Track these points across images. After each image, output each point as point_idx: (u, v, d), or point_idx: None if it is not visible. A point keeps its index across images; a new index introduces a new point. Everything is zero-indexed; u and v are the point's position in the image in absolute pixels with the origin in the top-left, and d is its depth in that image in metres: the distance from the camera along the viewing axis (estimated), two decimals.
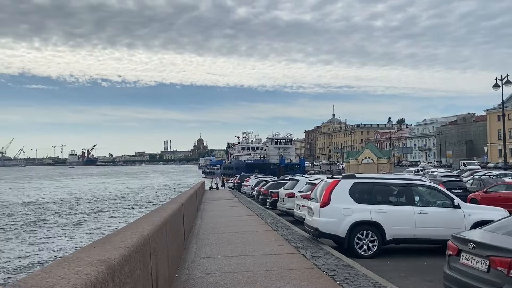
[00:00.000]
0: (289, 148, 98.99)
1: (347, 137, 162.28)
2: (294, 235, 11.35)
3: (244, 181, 38.26)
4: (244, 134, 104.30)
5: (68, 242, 23.61)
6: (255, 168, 72.06)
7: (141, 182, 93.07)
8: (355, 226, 9.70)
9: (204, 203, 24.52)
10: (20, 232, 27.12)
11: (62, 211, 39.15)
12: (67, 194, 60.89)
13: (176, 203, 8.93)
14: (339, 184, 10.09)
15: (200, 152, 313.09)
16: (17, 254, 20.48)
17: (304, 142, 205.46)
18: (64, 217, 34.42)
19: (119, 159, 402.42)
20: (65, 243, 23.13)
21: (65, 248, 21.42)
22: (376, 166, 66.06)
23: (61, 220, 32.68)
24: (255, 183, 29.69)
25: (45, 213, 37.82)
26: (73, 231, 27.44)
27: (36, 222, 31.81)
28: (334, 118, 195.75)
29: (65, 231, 27.39)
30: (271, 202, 19.47)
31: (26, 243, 23.40)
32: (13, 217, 35.07)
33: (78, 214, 36.45)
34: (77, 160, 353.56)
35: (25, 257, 19.80)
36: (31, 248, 21.79)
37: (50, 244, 22.97)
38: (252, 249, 9.24)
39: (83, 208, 41.74)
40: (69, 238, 24.80)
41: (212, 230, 12.48)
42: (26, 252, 20.90)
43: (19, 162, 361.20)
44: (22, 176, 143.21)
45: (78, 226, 29.86)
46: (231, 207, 21.28)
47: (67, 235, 26.07)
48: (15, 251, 21.08)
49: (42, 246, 22.35)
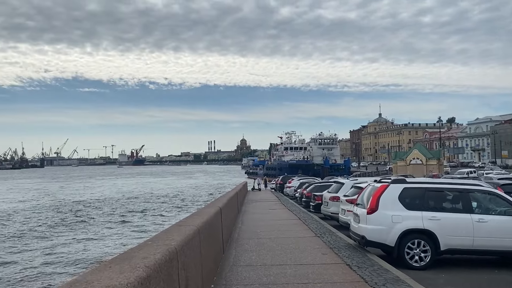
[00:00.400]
0: (334, 149, 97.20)
1: (394, 137, 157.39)
2: (339, 242, 10.72)
3: (286, 182, 37.60)
4: (287, 134, 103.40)
5: (114, 240, 24.05)
6: (298, 169, 71.19)
7: (186, 182, 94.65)
8: (406, 234, 8.95)
9: (245, 204, 24.21)
10: (70, 230, 28.02)
11: (111, 209, 40.32)
12: (116, 193, 62.83)
13: (214, 207, 8.57)
14: (388, 189, 9.37)
15: (243, 152, 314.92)
16: (63, 252, 21.05)
17: (349, 142, 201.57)
18: (112, 215, 35.37)
19: (166, 159, 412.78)
20: (111, 242, 23.56)
21: (109, 247, 21.81)
22: (425, 167, 63.43)
23: (109, 218, 33.60)
24: (298, 185, 29.04)
25: (94, 211, 39.08)
26: (120, 230, 28.02)
27: (84, 220, 32.87)
28: (380, 118, 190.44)
29: (112, 229, 28.02)
30: (314, 206, 18.81)
31: (75, 239, 24.08)
32: (64, 214, 36.43)
33: (126, 213, 37.38)
34: (126, 160, 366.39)
35: (68, 256, 20.29)
36: (77, 245, 22.35)
37: (97, 241, 23.53)
38: (293, 258, 8.72)
39: (131, 206, 42.80)
40: (116, 237, 25.30)
41: (253, 235, 12.06)
42: (71, 250, 21.44)
43: (73, 162, 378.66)
44: (75, 176, 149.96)
45: (125, 224, 30.54)
46: (273, 210, 20.81)
47: (114, 233, 26.63)
48: (62, 248, 21.68)
49: (89, 244, 22.89)
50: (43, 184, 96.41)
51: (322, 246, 10.17)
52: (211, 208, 8.22)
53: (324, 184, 20.77)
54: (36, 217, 35.01)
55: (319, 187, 20.66)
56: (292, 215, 17.98)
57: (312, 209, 19.19)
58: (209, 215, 7.05)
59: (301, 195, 24.22)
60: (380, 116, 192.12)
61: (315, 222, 15.05)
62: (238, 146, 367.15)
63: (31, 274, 16.83)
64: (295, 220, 15.93)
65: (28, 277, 16.52)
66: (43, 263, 18.66)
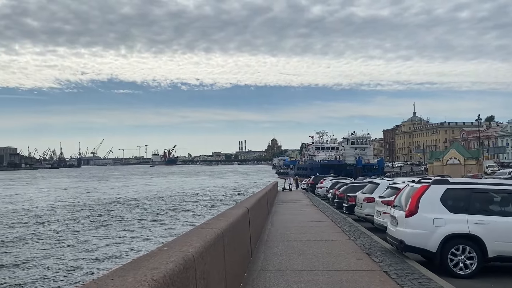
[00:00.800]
0: (367, 148, 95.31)
1: (429, 136, 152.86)
2: (375, 246, 10.05)
3: (318, 182, 36.83)
4: (318, 134, 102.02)
5: (142, 241, 24.08)
6: (330, 169, 70.00)
7: (217, 182, 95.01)
8: (449, 239, 8.22)
9: (276, 205, 23.68)
10: (103, 228, 28.35)
11: (143, 208, 40.69)
12: (149, 192, 63.66)
13: (241, 208, 8.12)
14: (429, 190, 8.65)
15: (273, 152, 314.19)
16: (88, 251, 21.19)
17: (382, 142, 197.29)
18: (143, 214, 35.61)
19: (197, 159, 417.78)
20: (140, 241, 23.59)
21: (137, 246, 21.79)
22: (464, 168, 60.97)
23: (141, 217, 33.82)
24: (330, 185, 28.24)
25: (127, 209, 39.56)
26: (151, 228, 28.11)
27: (117, 218, 33.22)
28: (415, 116, 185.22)
29: (143, 228, 28.14)
30: (347, 207, 18.07)
31: (106, 237, 24.28)
32: (98, 213, 37.02)
33: (157, 212, 37.64)
34: (159, 160, 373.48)
35: (94, 255, 20.39)
36: (104, 244, 22.48)
37: (126, 239, 23.62)
38: (326, 263, 8.15)
39: (163, 205, 43.08)
40: (146, 236, 25.35)
41: (283, 237, 11.55)
42: (98, 249, 21.57)
43: (108, 161, 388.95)
44: (110, 175, 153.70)
45: (156, 223, 30.69)
46: (304, 211, 20.19)
47: (144, 232, 26.71)
48: (89, 245, 21.86)
49: (119, 242, 22.99)
50: (79, 183, 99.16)
51: (357, 250, 9.55)
52: (238, 209, 7.77)
53: (358, 185, 19.97)
54: (71, 216, 35.75)
55: (352, 187, 19.89)
56: (324, 216, 17.33)
57: (345, 211, 18.46)
58: (235, 216, 6.60)
59: (333, 195, 23.48)
60: (414, 115, 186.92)
61: (349, 224, 14.38)
62: (269, 146, 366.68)
63: (58, 271, 16.96)
64: (327, 222, 15.29)
65: (56, 275, 16.63)
66: (73, 259, 18.82)
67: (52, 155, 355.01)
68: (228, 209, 8.38)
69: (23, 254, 20.53)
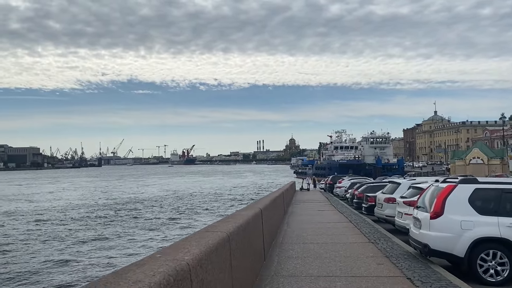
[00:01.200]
0: (386, 148, 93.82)
1: (451, 136, 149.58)
2: (396, 249, 9.46)
3: (336, 182, 36.02)
4: (337, 133, 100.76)
5: (151, 242, 23.87)
6: (348, 169, 68.95)
7: (235, 181, 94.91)
8: (478, 243, 7.59)
9: (293, 205, 23.13)
10: (119, 226, 28.33)
11: (160, 207, 40.63)
12: (166, 191, 63.78)
13: (254, 208, 7.66)
14: (455, 190, 8.03)
15: (291, 152, 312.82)
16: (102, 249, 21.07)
17: (402, 141, 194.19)
18: (160, 213, 35.53)
19: (216, 158, 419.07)
20: (151, 243, 23.38)
21: (146, 249, 21.57)
22: (487, 167, 59.27)
23: (157, 216, 33.73)
24: (348, 185, 27.50)
25: (144, 209, 39.52)
26: (165, 228, 27.93)
27: (131, 217, 33.18)
28: (436, 115, 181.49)
29: (158, 228, 27.98)
30: (367, 207, 17.41)
31: (119, 237, 24.18)
32: (116, 212, 37.07)
33: (174, 211, 37.54)
34: (178, 160, 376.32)
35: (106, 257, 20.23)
36: (114, 245, 22.35)
37: (138, 237, 23.46)
38: (344, 268, 7.62)
39: (180, 205, 42.94)
40: (160, 236, 25.15)
41: (298, 239, 11.04)
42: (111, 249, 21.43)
43: (128, 161, 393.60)
44: (130, 174, 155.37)
45: (171, 223, 30.54)
46: (322, 211, 19.57)
47: (158, 232, 26.53)
48: (103, 246, 21.76)
49: (128, 241, 22.84)
50: (99, 182, 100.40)
51: (377, 254, 8.98)
52: (249, 210, 7.31)
53: (378, 185, 19.25)
54: (89, 215, 35.97)
55: (372, 187, 19.18)
56: (343, 217, 16.73)
57: (364, 211, 17.80)
58: (246, 218, 6.14)
59: (352, 195, 22.79)
60: (435, 114, 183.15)
61: (368, 226, 13.76)
62: (287, 146, 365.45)
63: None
64: (345, 223, 14.70)
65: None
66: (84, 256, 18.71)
67: (73, 155, 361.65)
68: (239, 210, 7.93)
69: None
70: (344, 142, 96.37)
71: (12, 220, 33.15)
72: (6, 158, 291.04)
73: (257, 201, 11.10)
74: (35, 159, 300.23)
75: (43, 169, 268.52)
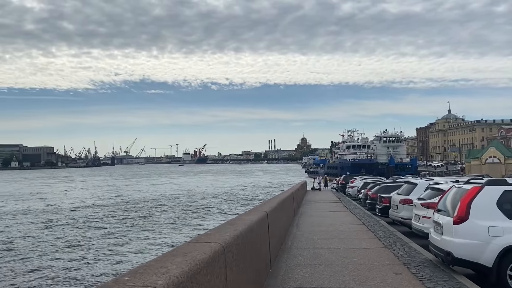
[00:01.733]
0: (399, 147, 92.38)
1: (465, 135, 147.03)
2: (415, 256, 8.70)
3: (349, 182, 35.12)
4: (349, 132, 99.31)
5: (149, 245, 23.38)
6: (361, 168, 67.92)
7: (247, 180, 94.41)
8: (508, 252, 6.83)
9: (303, 205, 22.37)
10: (128, 226, 27.99)
11: (169, 207, 40.21)
12: (178, 190, 63.46)
13: (258, 212, 7.00)
14: (482, 192, 7.27)
15: (303, 151, 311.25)
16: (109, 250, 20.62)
17: (415, 140, 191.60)
18: (169, 213, 35.10)
19: (227, 157, 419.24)
20: (149, 245, 22.89)
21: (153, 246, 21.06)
22: (504, 167, 57.75)
23: (165, 216, 33.30)
24: (361, 185, 26.62)
25: (154, 209, 39.18)
26: (172, 229, 27.48)
27: (142, 217, 32.85)
28: (450, 114, 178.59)
29: (164, 229, 27.54)
30: (381, 209, 16.57)
31: (126, 238, 23.77)
32: (124, 212, 36.80)
33: (183, 211, 37.05)
34: (190, 159, 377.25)
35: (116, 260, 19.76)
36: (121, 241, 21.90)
37: (155, 236, 23.04)
38: (357, 277, 6.91)
39: (190, 205, 42.53)
40: (169, 235, 24.70)
41: (308, 244, 10.33)
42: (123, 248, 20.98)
43: (140, 160, 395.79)
44: (141, 173, 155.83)
45: (182, 221, 30.22)
46: (334, 212, 18.77)
47: (165, 232, 26.08)
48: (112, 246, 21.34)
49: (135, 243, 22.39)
50: (110, 181, 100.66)
51: (394, 261, 8.24)
52: (254, 214, 6.65)
53: (392, 185, 18.35)
54: (97, 214, 35.77)
55: (386, 188, 18.31)
56: (355, 219, 15.95)
57: (378, 213, 16.96)
58: (248, 224, 5.48)
59: (365, 196, 21.94)
60: (449, 113, 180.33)
61: (383, 229, 12.98)
62: (299, 145, 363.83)
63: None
64: (358, 226, 13.94)
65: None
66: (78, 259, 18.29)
67: (87, 154, 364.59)
68: (242, 214, 7.26)
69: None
70: (356, 141, 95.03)
71: (23, 218, 33.10)
72: (21, 157, 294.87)
73: (264, 203, 10.43)
74: (49, 158, 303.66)
75: (57, 168, 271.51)
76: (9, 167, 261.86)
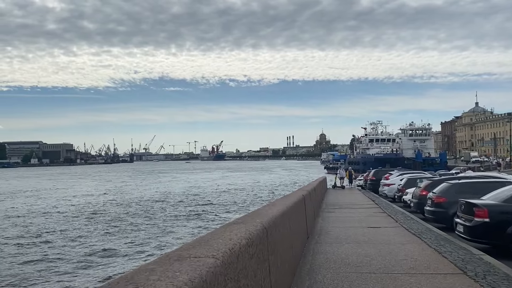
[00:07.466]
0: (427, 141, 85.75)
1: (496, 128, 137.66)
2: None
3: (382, 178, 27.78)
4: (372, 125, 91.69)
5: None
6: (385, 163, 61.34)
7: (265, 177, 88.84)
8: None
9: (323, 213, 15.67)
10: (138, 225, 25.88)
11: (183, 205, 37.61)
12: (194, 187, 60.48)
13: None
14: None
15: (322, 147, 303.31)
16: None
17: (440, 135, 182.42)
18: (181, 210, 33.14)
19: (245, 154, 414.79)
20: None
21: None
22: None
23: (176, 213, 31.27)
24: (404, 182, 19.91)
25: (167, 206, 36.89)
26: (183, 226, 25.35)
27: (152, 215, 30.53)
28: (477, 107, 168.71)
29: (174, 228, 24.93)
30: (472, 228, 9.01)
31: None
32: (135, 209, 34.66)
33: (196, 209, 34.36)
34: (207, 155, 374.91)
35: None
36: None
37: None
38: None
39: (203, 201, 40.13)
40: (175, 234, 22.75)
41: None
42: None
43: (159, 157, 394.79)
44: (158, 170, 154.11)
45: (194, 218, 28.67)
46: (377, 229, 11.48)
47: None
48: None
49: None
50: (126, 178, 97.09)
51: None
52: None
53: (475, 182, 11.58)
54: (108, 212, 33.20)
55: (463, 186, 11.58)
56: (420, 242, 9.06)
57: (464, 235, 9.46)
58: None
59: (418, 199, 15.28)
60: (477, 105, 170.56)
61: (483, 265, 6.53)
62: (317, 141, 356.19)
63: None
64: (433, 255, 7.47)
65: None
66: None
67: (107, 151, 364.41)
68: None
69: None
70: (380, 134, 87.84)
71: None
72: (41, 154, 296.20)
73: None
74: (68, 155, 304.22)
75: (76, 164, 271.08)
76: (28, 164, 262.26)
